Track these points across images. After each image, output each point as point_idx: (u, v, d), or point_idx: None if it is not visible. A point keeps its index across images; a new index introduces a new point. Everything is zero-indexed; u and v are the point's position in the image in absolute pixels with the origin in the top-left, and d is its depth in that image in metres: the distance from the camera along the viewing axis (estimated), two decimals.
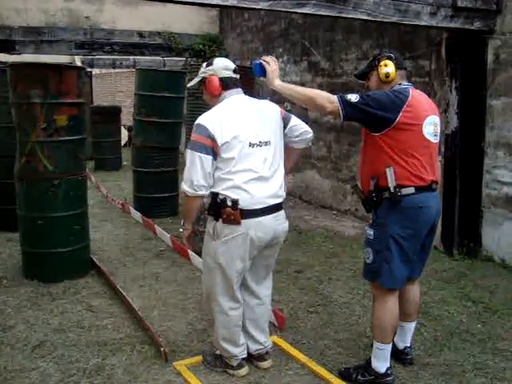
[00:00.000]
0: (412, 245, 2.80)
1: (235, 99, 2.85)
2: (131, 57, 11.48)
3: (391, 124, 2.68)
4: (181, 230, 6.02)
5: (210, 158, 2.69)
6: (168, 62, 11.84)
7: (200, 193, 2.75)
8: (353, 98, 2.70)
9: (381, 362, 2.90)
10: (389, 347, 2.90)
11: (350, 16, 3.71)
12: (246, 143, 2.73)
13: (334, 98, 2.72)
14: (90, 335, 3.53)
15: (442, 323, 3.67)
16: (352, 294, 4.22)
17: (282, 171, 2.91)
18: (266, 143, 2.81)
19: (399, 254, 2.76)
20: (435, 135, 2.81)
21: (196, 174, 2.70)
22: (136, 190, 6.89)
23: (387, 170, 2.71)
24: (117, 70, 15.98)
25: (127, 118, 13.12)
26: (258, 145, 2.76)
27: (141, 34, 8.81)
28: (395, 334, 3.09)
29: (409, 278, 2.95)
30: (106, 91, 19.08)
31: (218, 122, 2.70)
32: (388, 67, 2.81)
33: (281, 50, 7.66)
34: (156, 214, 6.58)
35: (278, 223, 2.86)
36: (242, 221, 2.70)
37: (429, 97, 2.94)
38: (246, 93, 3.01)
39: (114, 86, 18.48)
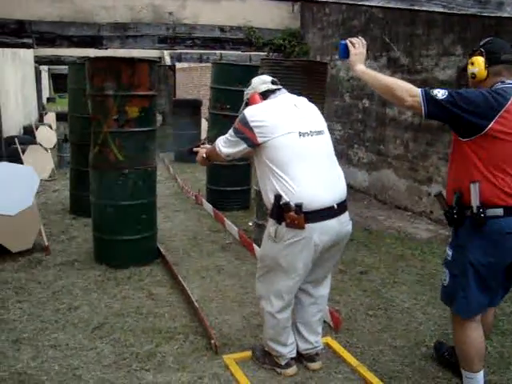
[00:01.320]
0: (493, 273, 2.48)
1: (280, 97, 2.86)
2: (218, 51, 11.70)
3: (482, 130, 2.33)
4: (250, 223, 6.05)
5: (245, 146, 2.75)
6: (254, 57, 11.94)
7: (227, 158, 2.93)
8: (440, 94, 2.36)
9: None
10: (479, 376, 2.61)
11: (423, 9, 3.51)
12: (296, 134, 2.66)
13: (417, 91, 2.41)
14: (146, 322, 3.63)
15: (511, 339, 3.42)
16: (416, 300, 4.03)
17: (337, 164, 2.82)
18: (319, 132, 2.74)
19: (477, 283, 2.46)
20: None
21: (229, 150, 2.85)
22: (209, 183, 7.00)
23: (471, 185, 2.38)
24: (203, 64, 16.33)
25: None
26: (308, 134, 2.68)
27: (222, 29, 8.92)
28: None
29: (489, 305, 2.68)
30: (192, 84, 19.59)
31: (261, 116, 2.71)
32: (474, 66, 2.46)
33: None
34: (227, 207, 6.64)
35: (342, 226, 2.73)
36: (306, 225, 2.57)
37: None
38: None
39: (199, 80, 18.91)
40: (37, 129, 11.72)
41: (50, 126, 12.58)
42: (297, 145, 2.64)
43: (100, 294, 4.09)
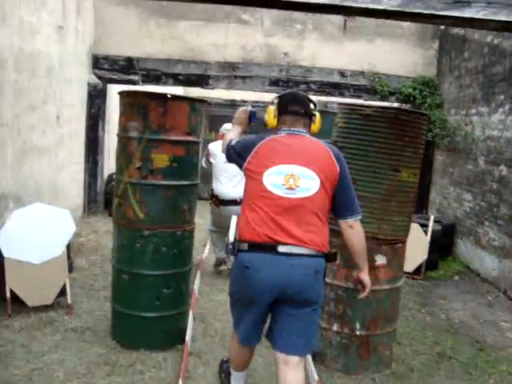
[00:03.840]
0: (247, 307, 2.61)
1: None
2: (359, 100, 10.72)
3: (243, 170, 2.67)
4: None
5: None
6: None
7: None
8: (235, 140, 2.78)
9: None
10: (238, 374, 2.98)
11: None
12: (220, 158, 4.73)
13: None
14: None
15: None
16: None
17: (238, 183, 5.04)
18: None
19: (234, 311, 2.76)
20: (290, 188, 2.50)
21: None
22: None
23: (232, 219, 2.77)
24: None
25: None
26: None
27: (342, 73, 7.93)
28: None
29: (281, 350, 2.60)
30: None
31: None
32: (266, 114, 2.70)
33: (502, 97, 5.90)
34: None
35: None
36: (220, 206, 5.31)
37: None
38: None
39: None
40: None
41: None
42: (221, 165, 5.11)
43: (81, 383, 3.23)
